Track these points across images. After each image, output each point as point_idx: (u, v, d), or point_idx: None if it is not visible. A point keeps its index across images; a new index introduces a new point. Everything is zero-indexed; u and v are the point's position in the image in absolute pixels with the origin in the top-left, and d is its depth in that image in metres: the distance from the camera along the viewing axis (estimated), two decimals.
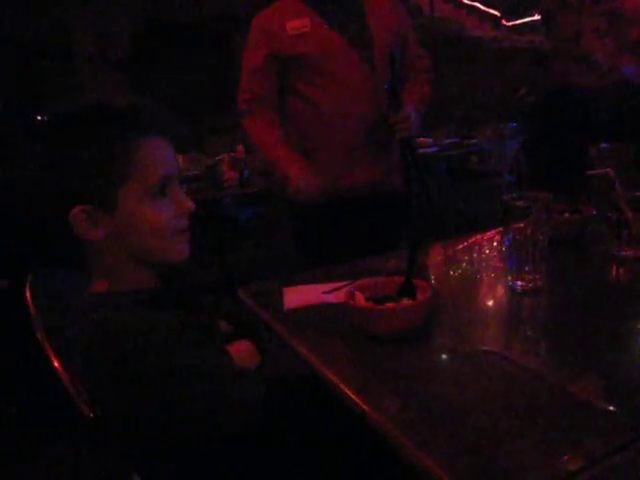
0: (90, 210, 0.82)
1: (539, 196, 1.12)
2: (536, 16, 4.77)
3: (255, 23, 1.86)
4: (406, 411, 0.76)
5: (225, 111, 3.89)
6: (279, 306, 1.14)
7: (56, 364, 1.01)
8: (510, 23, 6.05)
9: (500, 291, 1.18)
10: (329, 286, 1.18)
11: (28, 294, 1.13)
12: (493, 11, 6.20)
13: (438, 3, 5.95)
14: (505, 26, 6.11)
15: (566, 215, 1.38)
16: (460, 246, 1.51)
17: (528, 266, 1.09)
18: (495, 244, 1.49)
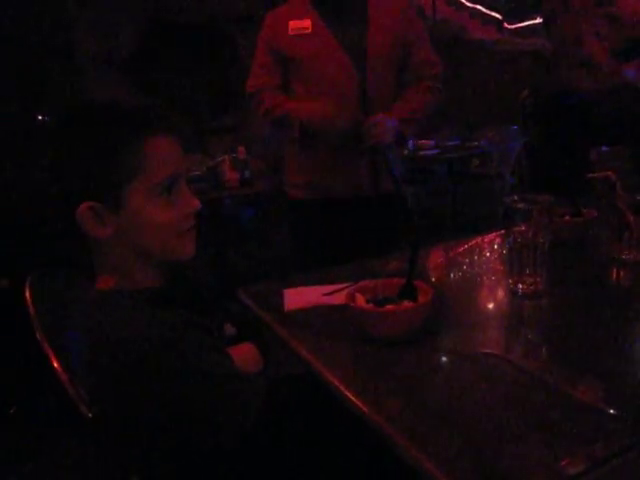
0: (97, 208, 0.83)
1: (540, 199, 1.12)
2: (538, 19, 4.78)
3: (265, 20, 1.91)
4: (406, 413, 0.76)
5: (227, 112, 3.90)
6: (279, 307, 1.14)
7: (55, 364, 1.01)
8: (512, 26, 6.05)
9: (501, 294, 1.18)
10: (330, 288, 1.18)
11: (28, 294, 1.13)
12: (495, 14, 6.20)
13: (440, 5, 5.95)
14: (507, 29, 6.11)
15: (567, 218, 1.38)
16: (461, 249, 1.51)
17: (529, 269, 1.09)
18: (496, 247, 1.49)
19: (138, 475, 0.88)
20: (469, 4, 6.20)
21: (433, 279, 1.29)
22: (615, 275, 1.24)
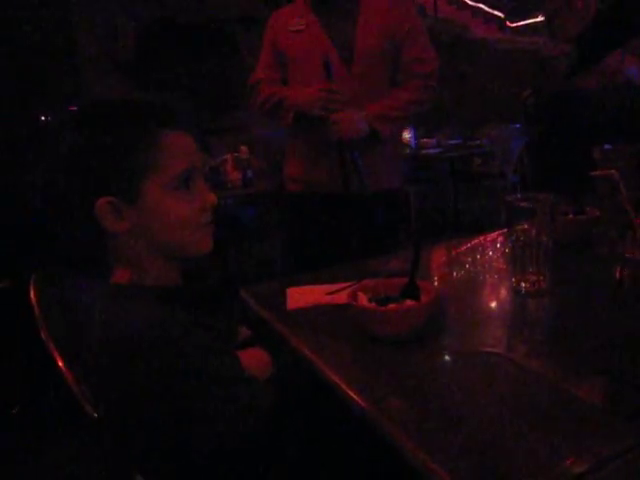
0: (115, 202, 0.83)
1: (543, 197, 1.12)
2: (540, 17, 4.77)
3: (269, 20, 1.98)
4: (408, 412, 0.75)
5: (229, 112, 3.90)
6: (281, 306, 1.14)
7: (60, 364, 1.01)
8: (514, 24, 6.03)
9: (504, 293, 1.18)
10: (333, 287, 1.18)
11: (32, 294, 1.13)
12: (497, 12, 6.20)
13: (442, 4, 5.94)
14: (509, 27, 6.10)
15: (570, 216, 1.37)
16: (464, 247, 1.51)
17: (532, 268, 1.09)
18: (499, 245, 1.48)
19: (141, 475, 0.88)
20: (471, 2, 6.19)
21: (435, 278, 1.29)
22: (618, 274, 1.24)
